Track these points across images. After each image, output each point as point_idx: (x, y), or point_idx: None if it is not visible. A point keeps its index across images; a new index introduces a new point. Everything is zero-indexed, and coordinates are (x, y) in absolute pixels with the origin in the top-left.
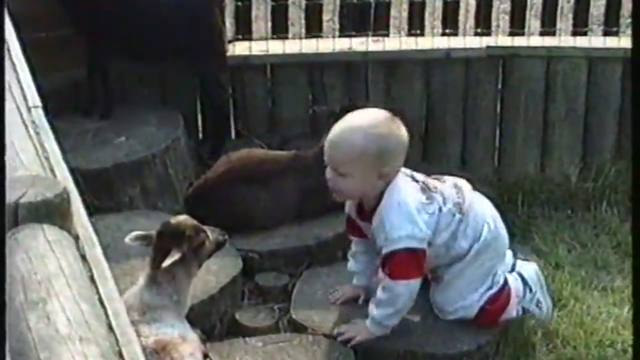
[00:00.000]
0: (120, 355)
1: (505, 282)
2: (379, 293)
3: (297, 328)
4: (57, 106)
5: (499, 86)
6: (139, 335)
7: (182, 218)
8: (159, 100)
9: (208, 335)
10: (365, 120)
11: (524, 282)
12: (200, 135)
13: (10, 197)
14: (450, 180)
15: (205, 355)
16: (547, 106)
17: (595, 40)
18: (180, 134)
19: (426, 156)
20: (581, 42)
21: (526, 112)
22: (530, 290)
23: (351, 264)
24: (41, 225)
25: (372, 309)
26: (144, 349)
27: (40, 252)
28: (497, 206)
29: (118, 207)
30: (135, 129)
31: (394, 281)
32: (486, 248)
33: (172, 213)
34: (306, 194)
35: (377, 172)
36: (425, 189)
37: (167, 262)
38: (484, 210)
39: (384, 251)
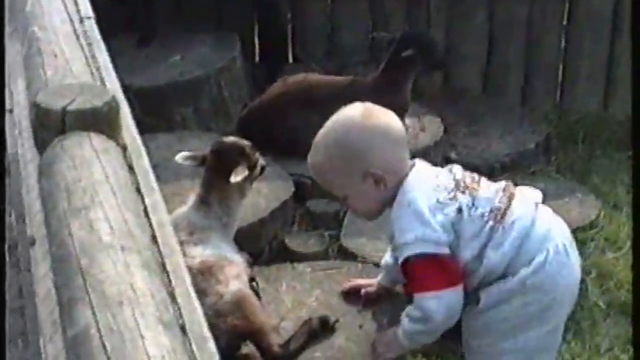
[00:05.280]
0: (163, 265)
1: None
2: (411, 307)
3: (347, 256)
4: (112, 23)
5: (564, 21)
6: (185, 255)
7: (235, 138)
8: (215, 21)
9: (255, 259)
10: (324, 131)
11: None
12: (257, 58)
13: (58, 103)
14: (504, 184)
15: (252, 279)
16: (613, 43)
17: None
18: (236, 55)
19: (486, 88)
20: None
21: (591, 48)
22: None
23: (384, 260)
24: (88, 133)
25: (404, 321)
26: (189, 269)
27: (86, 160)
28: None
29: (170, 126)
30: (191, 49)
31: (420, 295)
32: (541, 283)
33: (224, 135)
34: None
35: (366, 179)
36: (453, 187)
37: (237, 179)
38: (551, 230)
39: (400, 259)
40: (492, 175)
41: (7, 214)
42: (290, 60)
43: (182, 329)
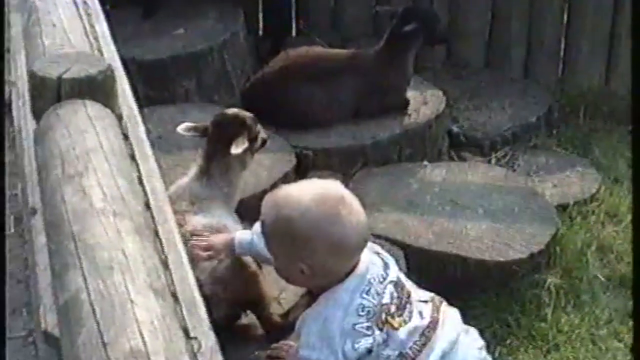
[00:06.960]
0: (156, 232)
1: None
2: None
3: None
4: None
5: None
6: (184, 223)
7: (237, 109)
8: None
9: None
10: (294, 191)
11: None
12: (261, 32)
13: (54, 71)
14: (426, 322)
15: None
16: (615, 17)
17: None
18: (239, 28)
19: (489, 62)
20: None
21: (593, 23)
22: None
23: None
24: (83, 101)
25: None
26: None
27: (81, 128)
28: None
29: (173, 98)
30: (195, 22)
31: None
32: None
33: (227, 107)
34: (363, 93)
35: (295, 263)
36: (374, 315)
37: (237, 150)
38: None
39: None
40: (494, 149)
41: (13, 188)
42: (294, 33)
43: (174, 295)
